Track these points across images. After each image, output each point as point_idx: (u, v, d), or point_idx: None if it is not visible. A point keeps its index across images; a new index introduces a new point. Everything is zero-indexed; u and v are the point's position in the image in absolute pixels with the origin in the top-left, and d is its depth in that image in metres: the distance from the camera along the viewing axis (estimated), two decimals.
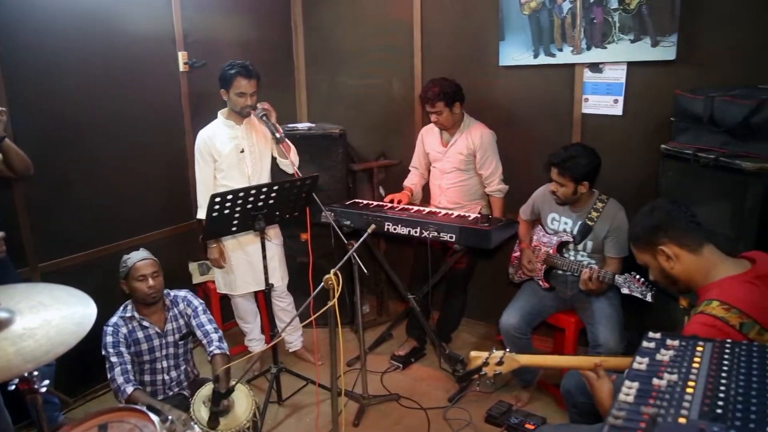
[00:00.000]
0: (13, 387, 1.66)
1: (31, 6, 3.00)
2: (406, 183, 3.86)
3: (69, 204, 3.29)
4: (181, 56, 3.76)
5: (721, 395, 1.11)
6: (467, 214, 3.36)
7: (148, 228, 3.71)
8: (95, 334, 1.61)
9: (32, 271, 3.14)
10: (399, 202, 3.61)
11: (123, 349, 2.72)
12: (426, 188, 3.91)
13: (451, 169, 3.60)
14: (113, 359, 2.68)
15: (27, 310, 1.60)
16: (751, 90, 2.47)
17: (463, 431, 3.11)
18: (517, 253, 3.40)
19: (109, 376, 2.70)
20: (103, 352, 2.71)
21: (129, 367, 2.71)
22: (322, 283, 2.43)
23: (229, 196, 2.77)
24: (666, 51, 3.06)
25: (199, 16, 3.85)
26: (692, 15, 2.98)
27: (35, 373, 1.64)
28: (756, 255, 1.89)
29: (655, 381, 1.18)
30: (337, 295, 2.41)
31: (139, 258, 2.80)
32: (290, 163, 3.25)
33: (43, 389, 1.68)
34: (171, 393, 2.93)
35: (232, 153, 3.31)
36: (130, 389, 2.63)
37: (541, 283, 3.21)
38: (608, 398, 1.79)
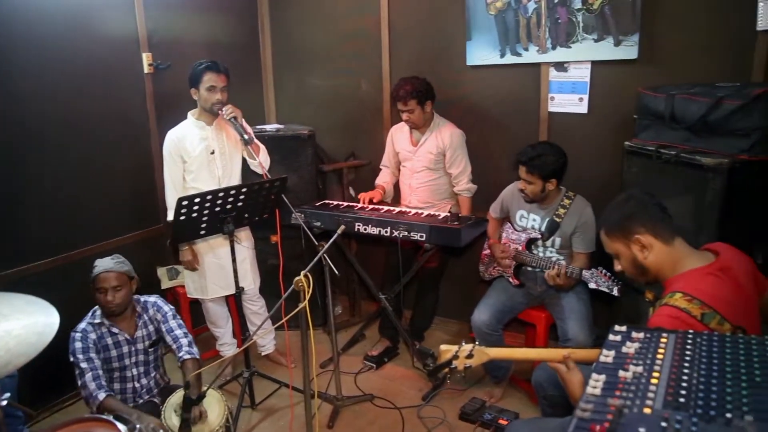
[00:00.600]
0: None
1: None
2: (378, 181, 3.87)
3: (30, 210, 3.20)
4: (146, 57, 3.70)
5: (684, 384, 1.14)
6: (437, 213, 3.38)
7: (114, 233, 3.64)
8: (59, 343, 1.56)
9: None
10: (371, 200, 3.61)
11: (93, 354, 2.63)
12: (396, 187, 3.92)
13: (421, 168, 3.62)
14: (83, 365, 2.59)
15: None
16: (709, 88, 2.54)
17: (438, 429, 3.12)
18: (487, 251, 3.43)
19: (79, 383, 2.61)
20: (72, 359, 2.61)
21: (100, 372, 2.62)
22: (293, 285, 2.42)
23: (197, 199, 2.73)
24: (628, 50, 3.13)
25: (163, 16, 3.80)
26: (652, 15, 3.05)
27: None
28: (719, 247, 1.94)
29: (622, 373, 1.21)
30: (307, 297, 2.39)
31: (103, 269, 2.68)
32: (259, 164, 3.23)
33: (4, 402, 1.63)
34: (141, 401, 2.87)
35: (202, 154, 3.27)
36: (102, 396, 2.55)
37: (511, 279, 3.25)
38: (580, 389, 1.82)
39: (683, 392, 1.11)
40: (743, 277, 1.86)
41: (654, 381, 1.16)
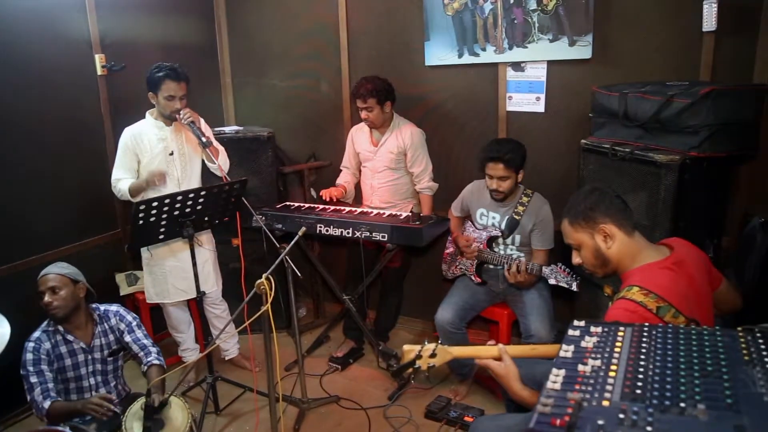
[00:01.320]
0: None
1: None
2: (339, 181, 3.85)
3: None
4: (98, 59, 3.60)
5: (640, 376, 1.17)
6: (399, 213, 3.39)
7: (68, 239, 3.54)
8: (12, 353, 1.51)
9: None
10: (332, 197, 3.61)
11: (44, 366, 2.58)
12: (358, 188, 3.92)
13: (383, 168, 3.63)
14: (32, 379, 2.54)
15: None
16: (661, 86, 2.61)
17: (404, 428, 3.13)
18: (450, 250, 3.46)
19: (28, 397, 2.55)
20: (22, 372, 2.55)
21: (50, 385, 2.57)
22: (255, 289, 2.39)
23: (155, 203, 2.68)
24: (582, 50, 3.20)
25: (116, 17, 3.71)
26: (605, 16, 3.13)
27: None
28: (673, 242, 2.00)
29: (581, 367, 1.23)
30: (270, 300, 2.37)
31: (44, 272, 2.66)
32: (218, 166, 3.18)
33: None
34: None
35: (160, 155, 3.21)
36: (47, 404, 2.50)
37: (473, 278, 3.28)
38: (516, 381, 1.83)
39: (640, 384, 1.14)
40: (696, 271, 1.92)
41: (612, 374, 1.19)
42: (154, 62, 3.18)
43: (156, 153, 3.20)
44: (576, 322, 1.47)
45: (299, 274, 2.84)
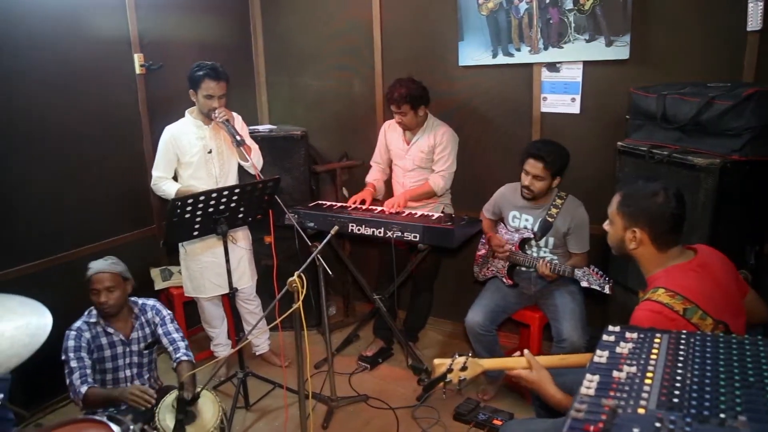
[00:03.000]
0: None
1: None
2: (368, 179, 3.85)
3: (22, 211, 3.18)
4: (137, 59, 3.68)
5: (678, 385, 1.15)
6: (430, 213, 3.38)
7: (106, 234, 3.62)
8: (52, 344, 1.56)
9: None
10: (363, 201, 3.61)
11: (84, 354, 2.67)
12: (388, 186, 3.92)
13: (413, 167, 3.62)
14: (72, 364, 2.63)
15: None
16: (701, 88, 2.55)
17: (432, 429, 3.13)
18: (482, 251, 3.43)
19: (67, 381, 2.64)
20: (63, 357, 2.65)
21: (88, 371, 2.66)
22: (287, 286, 2.41)
23: (190, 200, 2.73)
24: (619, 50, 3.14)
25: (155, 17, 3.78)
26: (643, 16, 3.06)
27: None
28: (697, 246, 1.98)
29: (615, 373, 1.21)
30: (301, 298, 2.39)
31: (96, 269, 2.71)
32: (251, 164, 3.22)
33: None
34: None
35: (199, 153, 3.27)
36: (84, 388, 2.59)
37: (504, 280, 3.26)
38: (551, 385, 1.82)
39: (677, 392, 1.12)
40: (723, 274, 1.90)
41: (648, 381, 1.17)
42: (191, 62, 3.24)
43: (195, 151, 3.25)
44: (611, 328, 1.45)
45: (330, 273, 2.85)
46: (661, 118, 2.64)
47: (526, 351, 1.91)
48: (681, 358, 1.26)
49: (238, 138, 3.11)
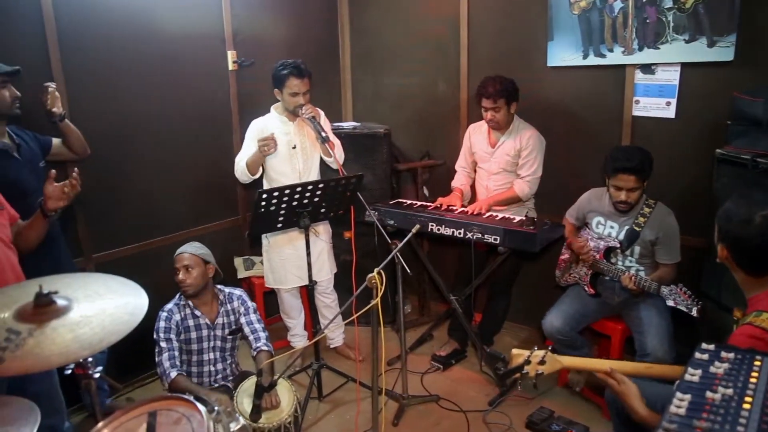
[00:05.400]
0: (69, 372, 1.74)
1: (90, 10, 3.10)
2: (455, 184, 3.81)
3: (122, 198, 3.40)
4: (230, 55, 3.83)
5: None
6: (512, 216, 3.32)
7: (195, 222, 3.81)
8: (145, 323, 1.65)
9: (87, 261, 3.26)
10: (451, 206, 3.58)
11: (173, 336, 2.86)
12: (472, 189, 3.88)
13: (498, 170, 3.56)
14: (163, 344, 2.82)
15: (83, 299, 1.66)
16: None
17: None
18: (565, 256, 3.34)
19: (157, 360, 2.83)
20: (155, 336, 2.85)
21: (176, 353, 2.84)
22: (366, 282, 2.44)
23: (276, 193, 2.81)
24: (723, 51, 2.96)
25: (247, 15, 3.92)
26: (752, 14, 2.87)
27: (89, 359, 1.71)
28: None
29: (709, 394, 1.15)
30: (380, 295, 2.41)
31: (179, 251, 2.95)
32: (335, 160, 3.28)
33: (97, 375, 1.74)
34: (216, 385, 3.01)
35: (284, 148, 3.36)
36: (174, 374, 2.76)
37: (586, 288, 3.15)
38: (637, 400, 1.74)
39: None
40: None
41: (746, 406, 1.10)
42: (280, 58, 3.33)
43: (280, 146, 3.34)
44: (704, 345, 1.37)
45: (409, 271, 2.85)
46: (767, 125, 2.47)
47: (611, 366, 1.85)
48: None
49: (323, 134, 3.18)
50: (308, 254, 3.12)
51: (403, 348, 3.26)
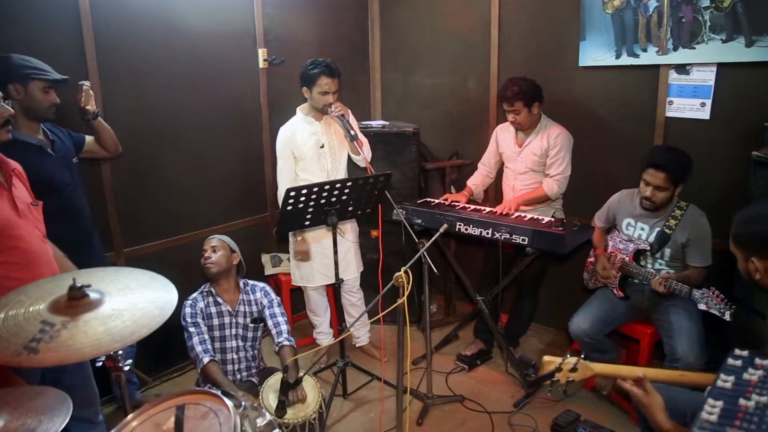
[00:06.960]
0: (100, 364, 1.78)
1: (123, 9, 3.16)
2: (469, 182, 3.81)
3: (153, 194, 3.47)
4: (261, 53, 3.86)
5: None
6: (541, 217, 3.29)
7: (224, 219, 3.85)
8: (173, 318, 1.69)
9: (118, 255, 3.33)
10: (455, 201, 3.59)
11: (200, 320, 2.96)
12: (498, 188, 3.85)
13: (525, 170, 3.53)
14: (191, 329, 2.92)
15: (115, 293, 1.69)
16: None
17: None
18: (593, 259, 3.29)
19: (188, 345, 2.92)
20: (182, 322, 2.94)
21: (206, 337, 2.93)
22: (392, 281, 2.44)
23: (304, 191, 2.83)
24: (762, 51, 2.89)
25: (278, 14, 3.95)
26: None
27: (120, 352, 1.75)
28: None
29: (742, 401, 1.13)
30: (406, 294, 2.41)
31: (211, 236, 3.13)
32: (363, 158, 3.29)
33: (127, 368, 1.78)
34: (240, 378, 3.05)
35: (312, 148, 3.38)
36: (206, 359, 2.84)
37: (615, 291, 3.11)
38: (660, 413, 1.70)
39: None
40: None
41: None
42: (310, 57, 3.35)
43: (309, 147, 3.37)
44: (738, 351, 1.34)
45: (436, 271, 2.85)
46: None
47: (641, 374, 1.81)
48: None
49: (352, 132, 3.19)
50: (335, 252, 3.14)
51: (428, 347, 3.26)
